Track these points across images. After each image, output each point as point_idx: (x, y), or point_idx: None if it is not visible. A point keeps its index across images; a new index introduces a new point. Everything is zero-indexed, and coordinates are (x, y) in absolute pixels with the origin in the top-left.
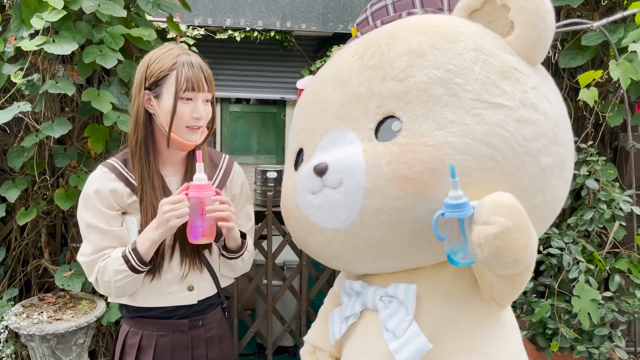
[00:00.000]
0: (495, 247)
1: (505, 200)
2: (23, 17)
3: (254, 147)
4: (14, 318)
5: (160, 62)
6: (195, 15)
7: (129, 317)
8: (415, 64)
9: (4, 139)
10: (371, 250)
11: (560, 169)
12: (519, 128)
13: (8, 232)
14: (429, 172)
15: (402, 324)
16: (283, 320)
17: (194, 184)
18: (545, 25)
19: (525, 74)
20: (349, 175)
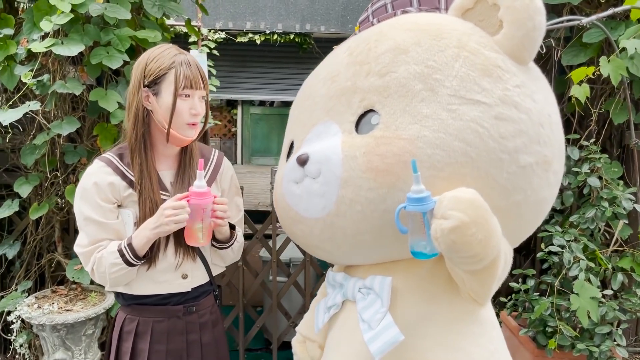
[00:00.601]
0: (451, 241)
1: (464, 195)
2: (35, 21)
3: (274, 149)
4: (26, 308)
5: (158, 60)
6: (217, 19)
7: (126, 304)
8: (398, 60)
9: (19, 137)
10: (347, 240)
11: (543, 169)
12: (496, 125)
13: (24, 227)
14: (400, 164)
15: (377, 315)
16: (288, 316)
17: (195, 192)
18: (533, 24)
19: (509, 71)
20: (326, 165)
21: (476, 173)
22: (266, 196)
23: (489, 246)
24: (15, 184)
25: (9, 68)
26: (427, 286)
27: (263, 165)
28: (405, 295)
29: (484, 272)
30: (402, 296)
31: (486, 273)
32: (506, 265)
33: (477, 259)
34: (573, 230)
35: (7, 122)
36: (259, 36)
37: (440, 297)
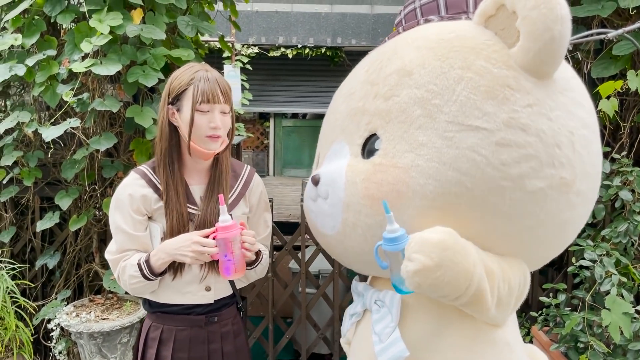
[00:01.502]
0: (416, 283)
1: (432, 237)
2: (75, 42)
3: (306, 161)
4: (65, 317)
5: (180, 78)
6: (250, 34)
7: (152, 312)
8: (402, 83)
9: (60, 153)
10: (355, 257)
11: (560, 191)
12: (497, 152)
13: (64, 238)
14: (394, 193)
15: (387, 329)
16: (317, 328)
17: (221, 226)
18: (551, 35)
19: (520, 90)
20: (332, 188)
21: (473, 202)
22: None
23: (460, 287)
24: (56, 196)
25: (51, 87)
26: (439, 304)
27: (294, 177)
28: (416, 311)
29: (469, 306)
30: (413, 312)
31: (472, 306)
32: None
33: (450, 298)
34: (605, 245)
35: (49, 138)
36: (291, 50)
37: (451, 316)
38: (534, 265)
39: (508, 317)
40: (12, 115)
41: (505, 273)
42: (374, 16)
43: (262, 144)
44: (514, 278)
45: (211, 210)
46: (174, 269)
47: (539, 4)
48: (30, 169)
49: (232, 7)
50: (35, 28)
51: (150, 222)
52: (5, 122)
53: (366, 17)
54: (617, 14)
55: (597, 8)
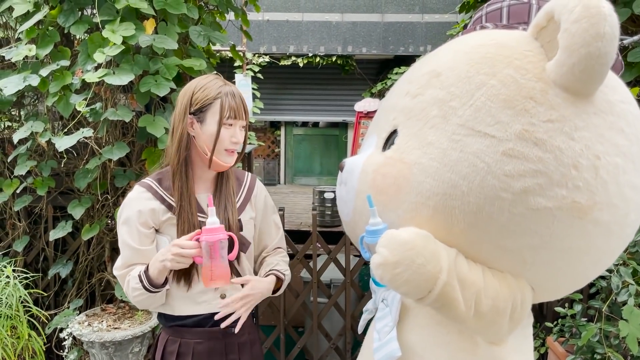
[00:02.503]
0: (379, 276)
1: (400, 235)
2: (89, 52)
3: (317, 169)
4: (77, 326)
5: (205, 90)
6: (261, 44)
7: (167, 326)
8: (430, 83)
9: (73, 162)
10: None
11: (572, 216)
12: (500, 161)
13: (77, 247)
14: (394, 187)
15: (386, 327)
16: (329, 337)
17: (207, 228)
18: (588, 52)
19: (544, 104)
20: (350, 176)
21: (467, 207)
22: (308, 216)
23: (420, 288)
24: (69, 206)
25: (65, 97)
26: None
27: (305, 185)
28: (416, 315)
29: (438, 310)
30: (414, 315)
31: (441, 311)
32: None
33: (412, 296)
34: (622, 254)
35: (62, 148)
36: (301, 59)
37: (451, 327)
38: (553, 294)
39: (504, 337)
40: (26, 125)
41: (491, 289)
42: (385, 25)
43: (273, 152)
44: (502, 296)
45: (221, 217)
46: (187, 279)
47: (582, 18)
48: (44, 178)
49: (243, 17)
50: (49, 39)
51: (157, 234)
52: (19, 132)
53: (377, 25)
54: (632, 21)
55: None
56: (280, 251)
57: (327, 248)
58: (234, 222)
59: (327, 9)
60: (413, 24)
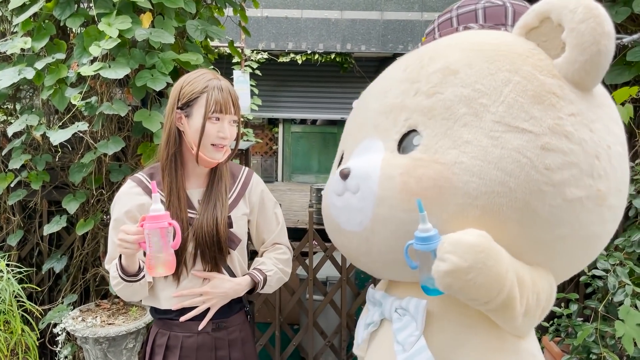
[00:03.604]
0: (447, 284)
1: (467, 238)
2: (84, 45)
3: (315, 167)
4: (71, 321)
5: (192, 84)
6: (259, 40)
7: (158, 318)
8: (447, 81)
9: (68, 156)
10: (381, 256)
11: (595, 204)
12: (541, 155)
13: (71, 242)
14: (435, 189)
15: (411, 337)
16: (324, 335)
17: (150, 215)
18: (598, 49)
19: (565, 99)
20: (365, 182)
21: (514, 204)
22: (305, 214)
23: (491, 291)
24: (63, 200)
25: (60, 91)
26: (464, 312)
27: (303, 182)
28: (441, 319)
29: (497, 313)
30: (438, 320)
31: (500, 313)
32: (547, 301)
33: (479, 302)
34: (618, 254)
35: (57, 141)
36: (300, 56)
37: (477, 325)
38: (557, 280)
39: (532, 329)
40: (21, 119)
41: (535, 284)
42: (384, 22)
43: (271, 149)
44: (542, 289)
45: (209, 214)
46: (174, 274)
47: (588, 17)
48: (38, 172)
49: (241, 13)
50: (44, 31)
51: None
52: (14, 125)
53: (376, 23)
54: (631, 20)
55: (611, 14)
56: (278, 247)
57: (324, 245)
58: (222, 219)
59: (326, 6)
60: (412, 22)
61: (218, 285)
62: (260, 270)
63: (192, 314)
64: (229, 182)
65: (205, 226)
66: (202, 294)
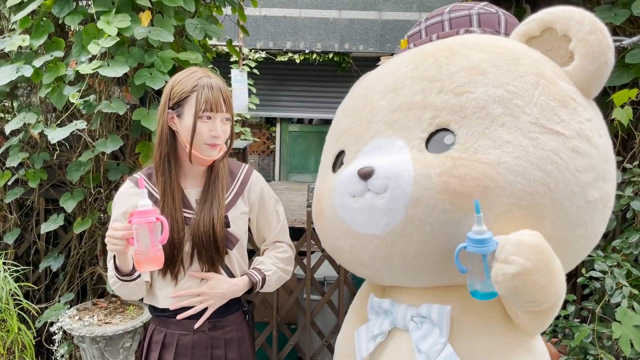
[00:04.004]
0: (513, 287)
1: (528, 239)
2: (83, 44)
3: (312, 166)
4: (67, 320)
5: (182, 84)
6: (257, 39)
7: (155, 315)
8: (475, 80)
9: (66, 155)
10: (405, 260)
11: (603, 205)
12: (572, 157)
13: (68, 240)
14: (480, 189)
15: (436, 346)
16: (322, 335)
17: (137, 211)
18: (605, 60)
19: (581, 105)
20: (395, 182)
21: (552, 205)
22: (302, 213)
23: (550, 292)
24: (61, 199)
25: (58, 89)
26: (484, 315)
27: (300, 182)
28: (462, 324)
29: (542, 314)
30: (459, 325)
31: (544, 315)
32: (561, 300)
33: (536, 304)
34: (616, 256)
35: (55, 140)
36: (298, 55)
37: (496, 327)
38: None
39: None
40: (18, 117)
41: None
42: (382, 22)
43: (268, 148)
44: (565, 289)
45: (206, 214)
46: (173, 274)
47: (595, 30)
48: (36, 170)
49: (240, 12)
50: (43, 29)
51: None
52: (11, 123)
53: (374, 23)
54: (630, 22)
55: (610, 15)
56: (279, 246)
57: (321, 245)
58: (219, 219)
59: (325, 6)
60: (410, 22)
61: (215, 285)
62: (259, 270)
63: (188, 313)
64: (227, 180)
65: (201, 226)
66: (200, 294)
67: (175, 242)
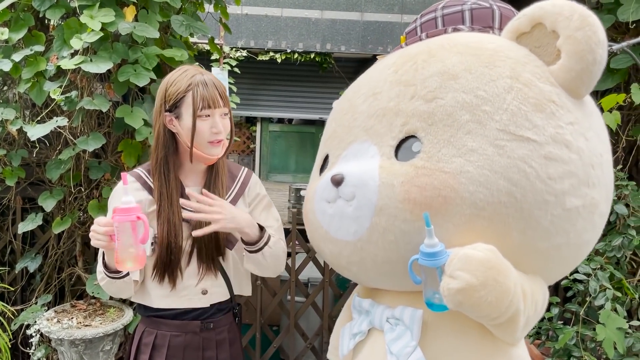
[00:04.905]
0: (458, 302)
1: (476, 254)
2: (65, 38)
3: (292, 167)
4: (45, 322)
5: (176, 84)
6: (239, 38)
7: (145, 315)
8: (446, 86)
9: (45, 152)
10: (376, 266)
11: (589, 211)
12: (544, 165)
13: (46, 240)
14: (439, 199)
15: (406, 348)
16: (305, 337)
17: (119, 208)
18: (594, 58)
19: (563, 107)
20: (361, 190)
21: (519, 214)
22: (284, 213)
23: (501, 307)
24: (39, 197)
25: (38, 84)
26: (457, 320)
27: (281, 182)
28: (435, 328)
29: (502, 327)
30: (432, 329)
31: (504, 327)
32: (541, 309)
33: (489, 318)
34: (599, 258)
35: (35, 137)
36: (279, 55)
37: (471, 332)
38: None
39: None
40: None
41: (533, 294)
42: (364, 23)
43: (249, 148)
44: (539, 299)
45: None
46: (171, 277)
47: (584, 26)
48: (13, 168)
49: (222, 9)
50: (22, 22)
51: None
52: None
53: (356, 24)
54: (614, 28)
55: None
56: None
57: (306, 247)
58: None
59: (307, 5)
60: (392, 23)
61: (228, 206)
62: (265, 227)
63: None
64: (227, 181)
65: (203, 223)
66: (215, 205)
67: (173, 247)
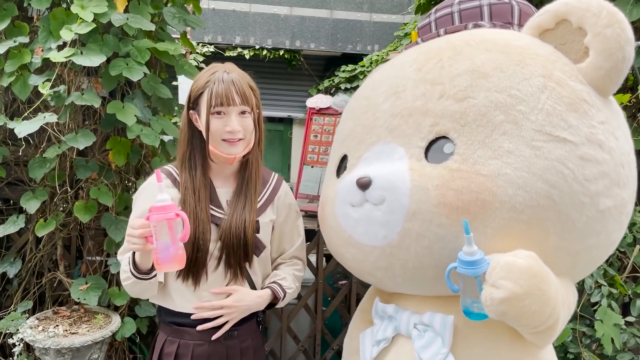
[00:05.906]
0: (502, 312)
1: (518, 262)
2: (51, 29)
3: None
4: (29, 331)
5: (198, 81)
6: (206, 33)
7: (165, 322)
8: (477, 85)
9: (25, 150)
10: (406, 272)
11: (619, 212)
12: (581, 166)
13: (23, 244)
14: (478, 203)
15: (438, 356)
16: (297, 340)
17: (155, 206)
18: (623, 56)
19: (594, 106)
20: (392, 194)
21: (557, 217)
22: None
23: (543, 316)
24: (22, 198)
25: (22, 77)
26: (489, 325)
27: None
28: (466, 334)
29: (541, 334)
30: (462, 335)
31: (544, 334)
32: (572, 311)
33: (530, 327)
34: None
35: (23, 134)
36: (248, 51)
37: (501, 337)
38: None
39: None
40: None
41: (567, 297)
42: (333, 21)
43: None
44: (572, 301)
45: (238, 216)
46: (195, 277)
47: (613, 23)
48: None
49: (195, 3)
50: (5, 12)
51: None
52: None
53: (325, 21)
54: None
55: None
56: (296, 262)
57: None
58: (251, 222)
59: (275, 2)
60: (361, 22)
61: (241, 299)
62: (282, 286)
63: (210, 324)
64: (259, 186)
65: (233, 227)
66: (224, 307)
67: (200, 242)
